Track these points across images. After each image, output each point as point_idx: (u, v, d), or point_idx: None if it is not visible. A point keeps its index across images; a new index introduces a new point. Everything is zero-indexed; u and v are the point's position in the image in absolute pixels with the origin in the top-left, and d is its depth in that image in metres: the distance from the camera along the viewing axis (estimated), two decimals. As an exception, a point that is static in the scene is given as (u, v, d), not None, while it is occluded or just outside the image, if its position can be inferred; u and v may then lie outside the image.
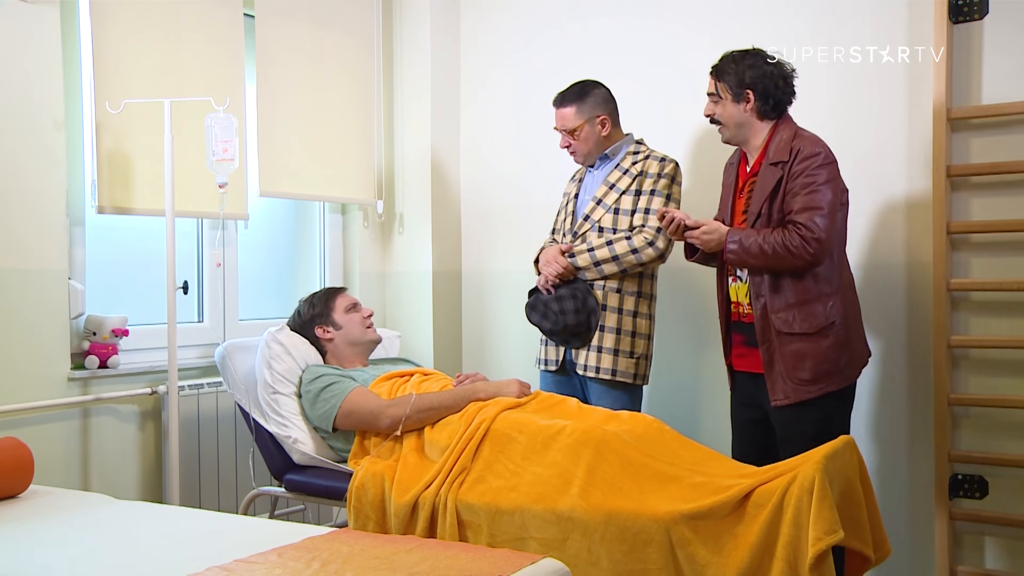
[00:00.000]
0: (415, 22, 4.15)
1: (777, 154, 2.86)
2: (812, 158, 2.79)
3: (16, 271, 2.92)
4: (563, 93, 3.34)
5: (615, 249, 3.18)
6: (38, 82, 2.96)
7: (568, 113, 3.30)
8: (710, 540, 2.33)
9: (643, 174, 3.24)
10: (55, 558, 2.07)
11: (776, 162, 2.85)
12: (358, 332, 3.33)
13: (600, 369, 3.20)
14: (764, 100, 2.90)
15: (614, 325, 3.21)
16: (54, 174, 3.01)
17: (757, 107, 2.91)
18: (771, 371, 2.84)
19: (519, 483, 2.61)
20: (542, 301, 3.24)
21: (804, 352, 2.80)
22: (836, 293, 2.84)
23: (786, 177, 2.81)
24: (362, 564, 1.96)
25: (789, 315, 2.80)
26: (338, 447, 3.12)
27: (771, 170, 2.85)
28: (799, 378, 2.80)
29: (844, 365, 2.84)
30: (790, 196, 2.80)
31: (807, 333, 2.80)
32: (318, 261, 4.12)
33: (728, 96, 2.93)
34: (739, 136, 2.97)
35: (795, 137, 2.86)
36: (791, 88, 2.94)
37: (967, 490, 3.18)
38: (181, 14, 3.29)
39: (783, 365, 2.81)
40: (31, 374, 2.96)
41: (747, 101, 2.91)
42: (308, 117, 3.79)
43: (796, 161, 2.81)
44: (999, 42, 3.12)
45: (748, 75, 2.90)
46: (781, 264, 2.79)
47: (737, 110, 2.93)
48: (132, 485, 3.24)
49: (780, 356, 2.82)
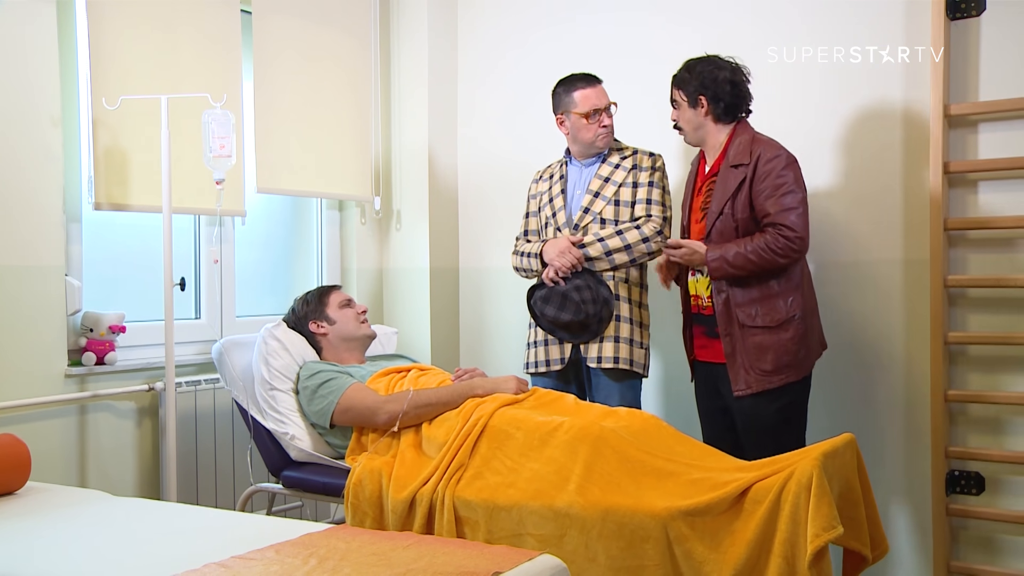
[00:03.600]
0: (412, 18, 4.14)
1: (737, 156, 2.97)
2: (775, 159, 2.91)
3: (13, 267, 2.91)
4: (588, 74, 3.35)
5: (627, 238, 3.19)
6: (35, 78, 2.95)
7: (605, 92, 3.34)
8: (707, 536, 2.33)
9: (637, 167, 3.29)
10: (52, 555, 2.07)
11: (737, 164, 2.96)
12: (352, 327, 3.33)
13: (618, 359, 3.20)
14: (716, 104, 3.03)
15: (628, 315, 3.23)
16: (51, 170, 3.00)
17: (711, 111, 3.04)
18: (733, 362, 2.94)
19: (516, 479, 2.61)
20: (558, 292, 3.20)
21: (766, 344, 2.90)
22: (796, 289, 2.95)
23: (751, 179, 2.92)
24: (359, 560, 1.96)
25: (752, 309, 2.91)
26: (335, 443, 3.12)
27: (732, 172, 2.96)
28: (761, 369, 2.90)
29: (803, 357, 2.95)
30: (761, 198, 2.90)
31: (769, 326, 2.91)
32: (315, 258, 4.11)
33: (684, 102, 3.08)
34: (696, 138, 3.13)
35: (753, 141, 2.99)
36: (743, 91, 3.05)
37: (964, 487, 3.19)
38: (178, 10, 3.28)
39: (745, 357, 2.92)
40: (28, 371, 2.95)
41: (701, 106, 3.04)
42: (305, 114, 3.78)
43: (760, 163, 2.92)
44: (997, 38, 3.12)
45: (699, 81, 3.03)
46: (767, 267, 2.89)
47: (694, 115, 3.08)
48: (129, 482, 3.24)
49: (743, 348, 2.92)
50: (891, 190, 3.31)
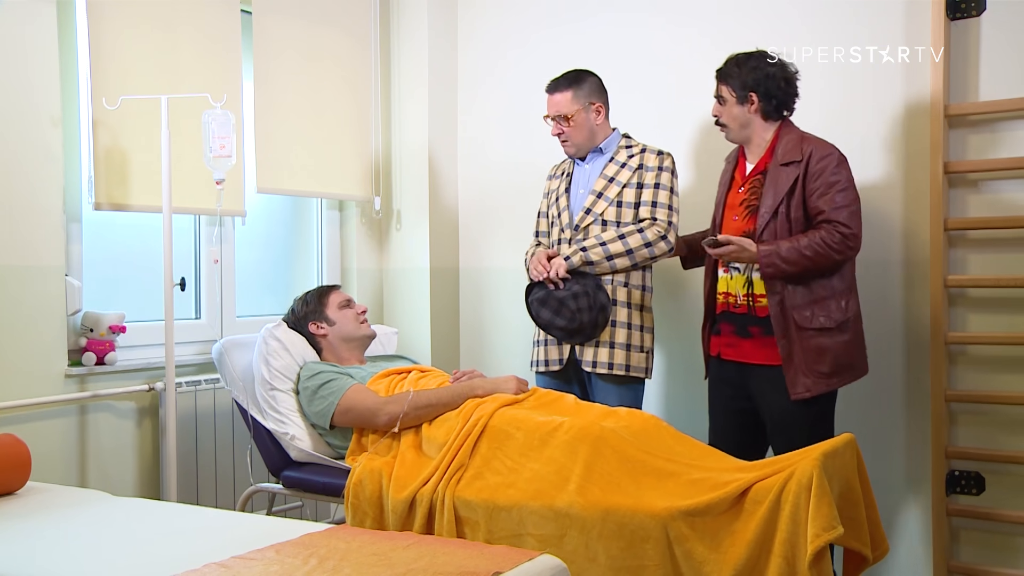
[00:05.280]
0: (412, 18, 4.14)
1: (788, 154, 2.90)
2: (828, 157, 2.86)
3: (13, 267, 2.91)
4: (557, 79, 3.30)
5: (628, 243, 3.14)
6: (35, 79, 2.95)
7: (563, 99, 3.25)
8: (707, 536, 2.33)
9: (642, 167, 3.23)
10: (52, 555, 2.07)
11: (787, 162, 2.90)
12: (351, 327, 3.33)
13: (613, 365, 3.17)
14: (767, 101, 2.95)
15: (625, 320, 3.19)
16: (51, 170, 3.00)
17: (761, 108, 2.97)
18: (789, 365, 2.87)
19: (517, 480, 2.61)
20: (555, 298, 3.14)
21: (824, 347, 2.85)
22: (851, 291, 2.92)
23: (804, 177, 2.86)
24: (359, 560, 1.96)
25: (808, 311, 2.85)
26: (336, 444, 3.12)
27: (783, 170, 2.90)
28: (819, 371, 2.86)
29: (859, 360, 2.92)
30: (815, 196, 2.85)
31: (827, 328, 2.85)
32: (315, 258, 4.11)
33: (732, 98, 2.98)
34: (742, 136, 3.03)
35: (803, 139, 2.93)
36: (794, 89, 2.99)
37: (964, 486, 3.19)
38: (178, 10, 3.28)
39: (803, 359, 2.85)
40: (28, 371, 2.95)
41: (751, 103, 2.97)
42: (305, 114, 3.78)
43: (812, 161, 2.86)
44: (997, 38, 3.13)
45: (751, 77, 2.95)
46: (821, 264, 2.83)
47: (741, 111, 2.99)
48: (129, 482, 3.24)
49: (800, 350, 2.86)
50: (891, 190, 3.31)
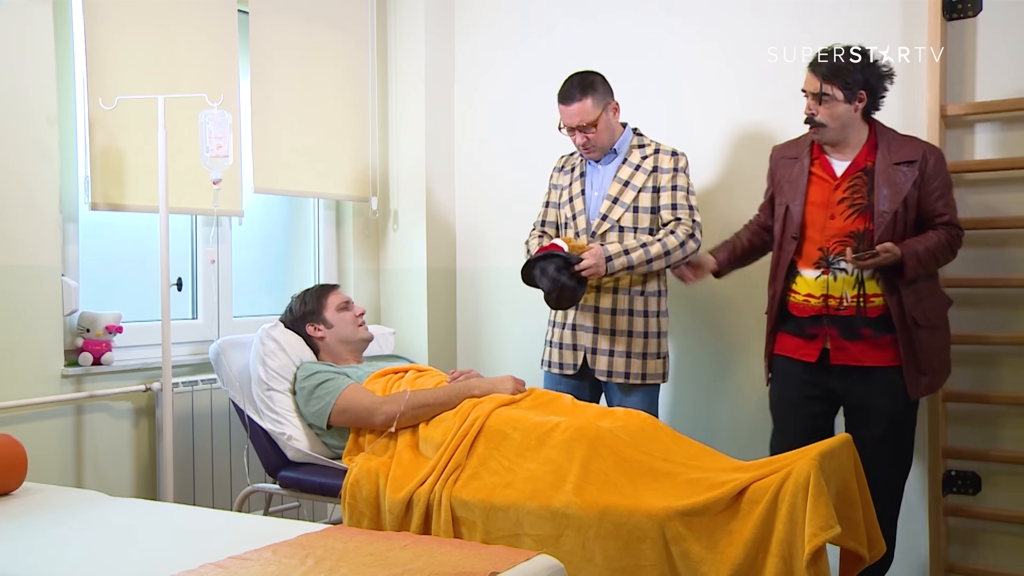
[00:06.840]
0: (409, 18, 4.14)
1: (902, 154, 2.84)
2: (942, 159, 2.87)
3: (9, 268, 2.91)
4: (571, 88, 3.17)
5: (666, 244, 3.10)
6: (31, 78, 2.95)
7: (583, 107, 3.14)
8: (704, 536, 2.33)
9: (657, 169, 3.19)
10: (48, 556, 2.07)
11: (901, 162, 2.83)
12: (349, 331, 3.32)
13: (630, 375, 3.17)
14: (874, 98, 2.88)
15: (642, 329, 3.19)
16: (47, 170, 3.00)
17: (868, 106, 2.89)
18: (911, 364, 2.84)
19: (514, 480, 2.61)
20: (543, 267, 3.06)
21: (936, 344, 2.89)
22: (940, 289, 2.94)
23: (924, 177, 2.82)
24: (356, 561, 1.96)
25: (920, 310, 2.84)
26: (333, 444, 3.12)
27: (899, 170, 2.83)
28: (935, 369, 2.89)
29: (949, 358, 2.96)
30: (933, 198, 2.83)
31: (936, 326, 2.88)
32: (312, 258, 4.11)
33: (840, 96, 2.83)
34: (839, 136, 2.89)
35: (912, 138, 2.90)
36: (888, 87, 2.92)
37: (960, 486, 3.19)
38: (175, 10, 3.28)
39: (924, 358, 2.85)
40: (24, 371, 2.95)
41: (860, 101, 2.85)
42: (302, 114, 3.78)
43: (931, 162, 2.83)
44: (993, 39, 3.13)
45: (864, 75, 2.83)
46: (942, 265, 2.88)
47: (847, 110, 2.85)
48: (126, 482, 3.23)
49: (920, 349, 2.84)
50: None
